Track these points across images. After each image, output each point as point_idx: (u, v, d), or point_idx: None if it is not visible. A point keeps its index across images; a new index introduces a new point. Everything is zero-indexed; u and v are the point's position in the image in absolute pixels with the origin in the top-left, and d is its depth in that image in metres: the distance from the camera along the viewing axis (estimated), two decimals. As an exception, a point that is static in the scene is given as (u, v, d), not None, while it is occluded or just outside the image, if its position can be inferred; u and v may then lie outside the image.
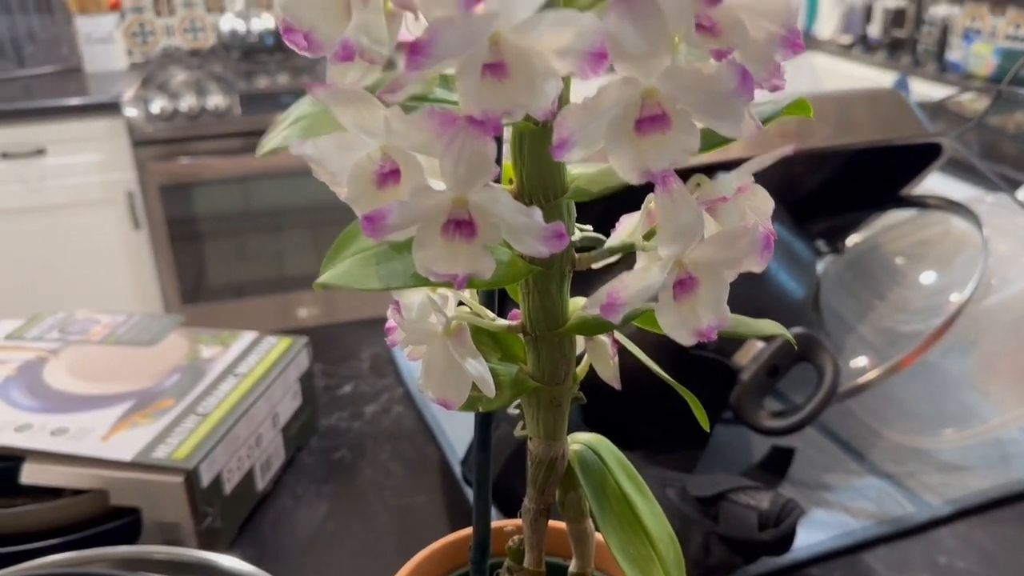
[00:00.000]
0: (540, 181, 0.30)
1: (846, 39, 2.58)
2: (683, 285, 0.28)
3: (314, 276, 0.30)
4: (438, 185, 0.27)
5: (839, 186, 0.93)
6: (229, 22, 2.54)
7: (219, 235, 2.38)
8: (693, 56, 0.27)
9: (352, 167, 0.29)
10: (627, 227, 0.32)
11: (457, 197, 0.27)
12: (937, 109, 2.17)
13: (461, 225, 0.27)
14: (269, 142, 0.33)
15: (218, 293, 2.42)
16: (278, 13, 0.28)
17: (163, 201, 2.29)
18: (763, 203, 0.32)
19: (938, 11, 2.33)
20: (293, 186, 2.35)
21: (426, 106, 0.27)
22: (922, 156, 0.90)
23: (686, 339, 0.28)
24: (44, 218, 2.27)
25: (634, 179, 0.27)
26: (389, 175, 0.29)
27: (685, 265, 0.28)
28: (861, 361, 0.79)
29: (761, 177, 0.31)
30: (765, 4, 0.27)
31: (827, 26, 2.63)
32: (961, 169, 1.52)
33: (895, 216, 0.94)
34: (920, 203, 0.92)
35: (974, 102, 2.12)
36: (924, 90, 2.27)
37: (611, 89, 0.26)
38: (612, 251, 0.31)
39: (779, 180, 0.97)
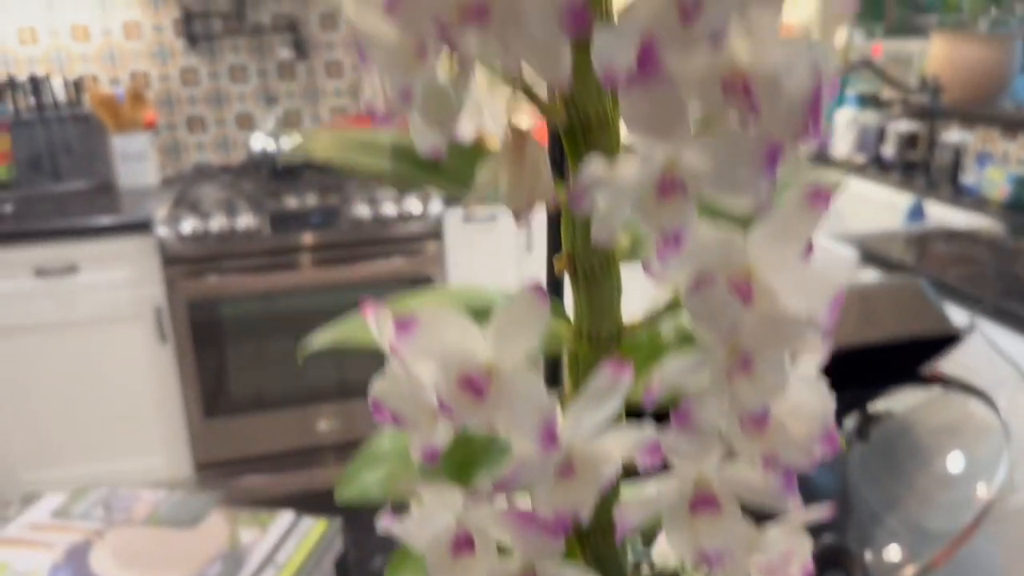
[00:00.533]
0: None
1: (860, 158, 2.64)
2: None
3: (335, 389, 0.33)
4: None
5: (857, 366, 0.95)
6: (260, 141, 2.62)
7: (242, 349, 2.42)
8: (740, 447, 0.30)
9: (430, 538, 0.31)
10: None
11: (526, 563, 0.29)
12: (953, 236, 2.21)
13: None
14: (348, 487, 0.35)
15: (239, 406, 2.44)
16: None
17: (190, 316, 2.33)
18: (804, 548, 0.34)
19: (951, 136, 2.39)
20: (315, 301, 2.39)
21: (505, 505, 0.29)
22: (943, 340, 0.92)
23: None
24: (73, 333, 2.32)
25: (689, 560, 0.30)
26: (464, 544, 0.31)
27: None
28: (891, 554, 0.80)
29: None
30: (806, 409, 0.30)
31: (842, 144, 2.69)
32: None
33: (916, 395, 0.95)
34: (939, 383, 0.93)
35: (992, 228, 2.16)
36: (940, 213, 2.31)
37: (668, 482, 0.29)
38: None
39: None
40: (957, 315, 1.36)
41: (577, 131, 0.33)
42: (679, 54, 0.29)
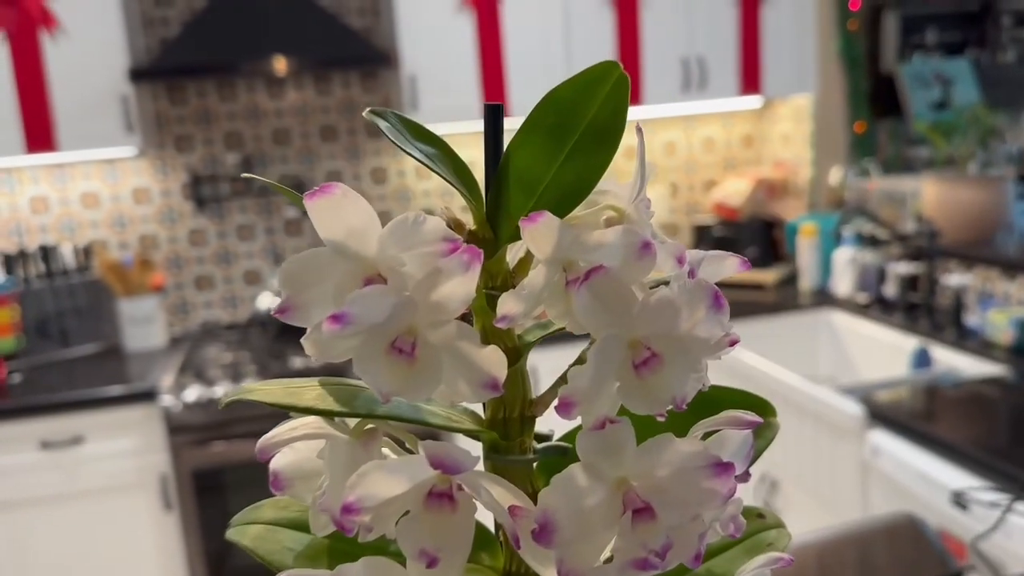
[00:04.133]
0: None
1: (863, 298, 2.64)
2: None
3: None
4: None
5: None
6: (266, 300, 2.66)
7: (249, 513, 2.39)
8: None
9: None
10: None
11: None
12: (961, 385, 2.19)
13: None
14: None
15: (246, 574, 2.40)
16: None
17: (195, 484, 2.32)
18: None
19: (951, 279, 2.39)
20: (323, 461, 2.38)
21: None
22: None
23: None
24: (78, 503, 2.30)
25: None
26: None
27: None
28: None
29: None
30: None
31: (842, 283, 2.70)
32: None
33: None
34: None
35: (999, 373, 2.14)
36: (946, 358, 2.29)
37: None
38: None
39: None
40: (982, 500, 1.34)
41: None
42: None
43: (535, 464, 0.36)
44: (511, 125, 0.33)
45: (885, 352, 2.49)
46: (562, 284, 0.33)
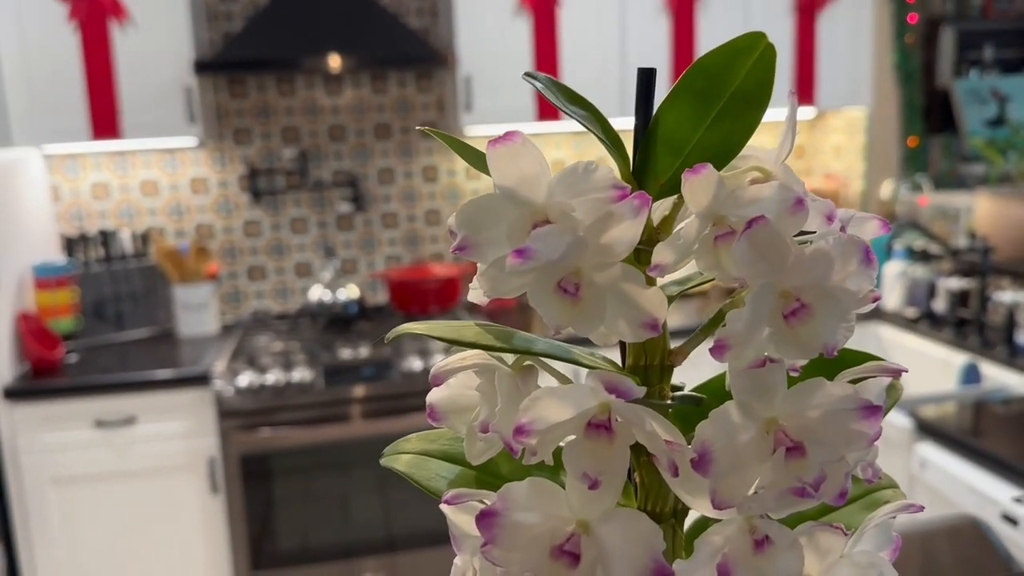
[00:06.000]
0: None
1: (912, 312, 2.63)
2: None
3: (382, 541, 0.34)
4: None
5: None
6: (317, 292, 2.70)
7: (291, 500, 2.43)
8: None
9: None
10: None
11: None
12: (1011, 402, 2.17)
13: None
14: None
15: (286, 558, 2.43)
16: None
17: (242, 468, 2.36)
18: None
19: (1003, 295, 2.37)
20: (364, 452, 2.41)
21: None
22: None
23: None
24: (129, 482, 2.35)
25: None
26: None
27: None
28: None
29: None
30: None
31: (891, 297, 2.69)
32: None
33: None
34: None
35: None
36: (996, 374, 2.27)
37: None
38: None
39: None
40: None
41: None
42: None
43: (671, 411, 0.38)
44: (554, 128, 0.36)
45: (933, 367, 2.47)
46: (712, 238, 0.35)
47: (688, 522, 0.39)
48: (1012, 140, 2.64)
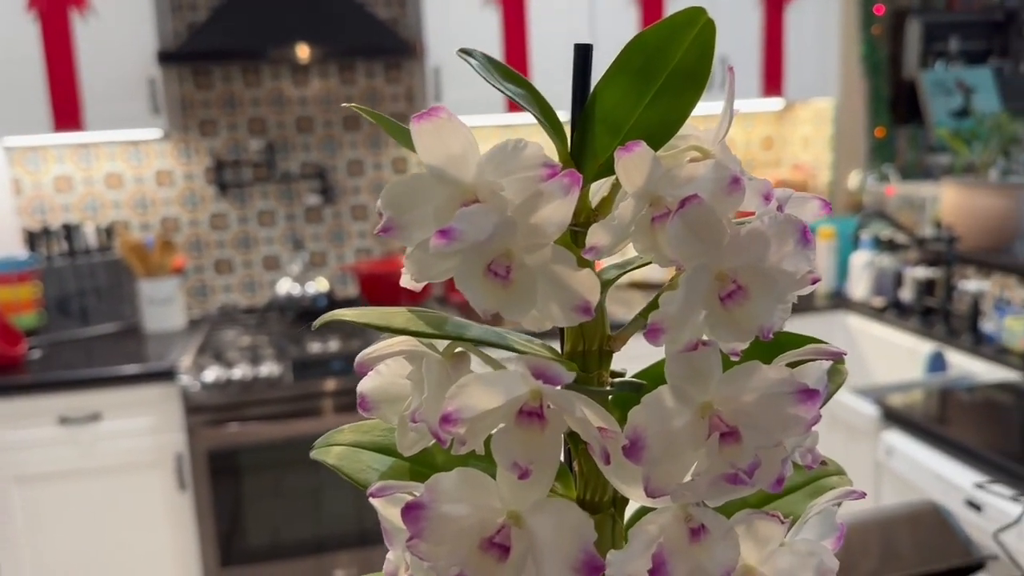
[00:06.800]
0: None
1: (879, 301, 2.64)
2: None
3: (353, 536, 0.34)
4: None
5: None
6: (285, 285, 2.68)
7: (260, 496, 2.41)
8: None
9: None
10: None
11: None
12: (975, 390, 2.19)
13: None
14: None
15: (256, 554, 2.41)
16: None
17: (209, 464, 2.34)
18: None
19: (968, 284, 2.39)
20: (337, 446, 2.39)
21: None
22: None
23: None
24: (94, 480, 2.32)
25: None
26: None
27: None
28: None
29: None
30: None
31: (858, 286, 2.71)
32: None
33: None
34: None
35: (1015, 379, 2.14)
36: (961, 362, 2.29)
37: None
38: None
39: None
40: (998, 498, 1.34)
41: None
42: (688, 571, 0.30)
43: (610, 398, 0.37)
44: (524, 120, 0.35)
45: (900, 355, 2.49)
46: (648, 218, 0.34)
47: (629, 512, 0.38)
48: (976, 131, 2.66)
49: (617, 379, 0.38)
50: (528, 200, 0.31)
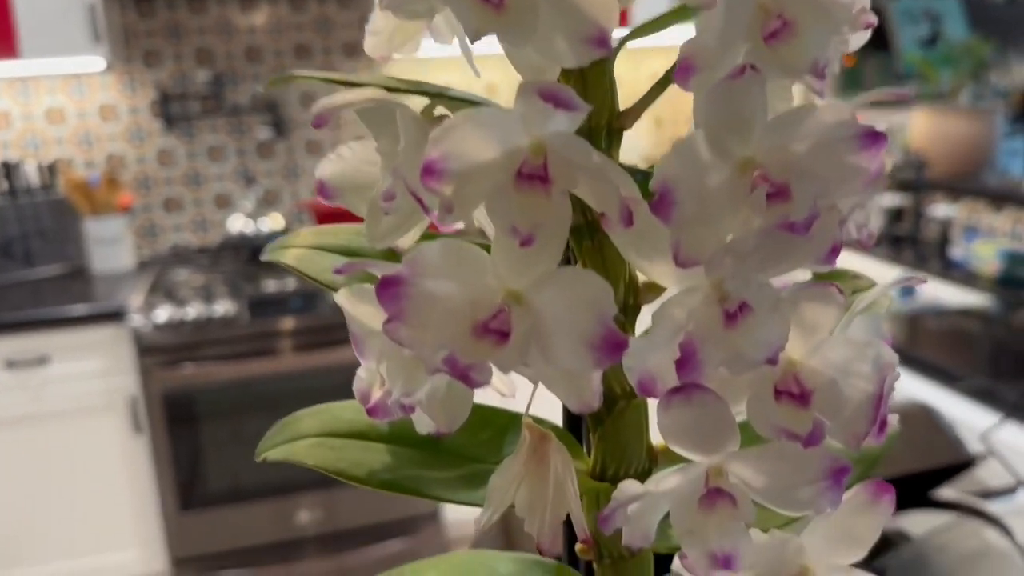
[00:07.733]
0: None
1: (846, 231, 2.63)
2: None
3: (316, 478, 0.29)
4: None
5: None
6: (238, 223, 2.58)
7: (219, 438, 2.34)
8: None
9: None
10: None
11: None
12: (944, 314, 2.18)
13: None
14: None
15: (216, 498, 2.35)
16: None
17: (165, 406, 2.26)
18: None
19: (937, 210, 2.38)
20: (294, 386, 2.32)
21: None
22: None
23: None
24: (43, 426, 2.23)
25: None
26: None
27: None
28: None
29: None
30: (853, 371, 0.27)
31: (826, 217, 2.68)
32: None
33: (930, 519, 0.91)
34: (951, 508, 0.89)
35: (983, 304, 2.14)
36: (930, 289, 2.28)
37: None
38: None
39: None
40: (976, 416, 1.32)
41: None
42: (723, 359, 0.24)
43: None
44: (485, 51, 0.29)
45: (868, 284, 2.47)
46: None
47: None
48: (948, 56, 2.63)
49: (626, 165, 0.32)
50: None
